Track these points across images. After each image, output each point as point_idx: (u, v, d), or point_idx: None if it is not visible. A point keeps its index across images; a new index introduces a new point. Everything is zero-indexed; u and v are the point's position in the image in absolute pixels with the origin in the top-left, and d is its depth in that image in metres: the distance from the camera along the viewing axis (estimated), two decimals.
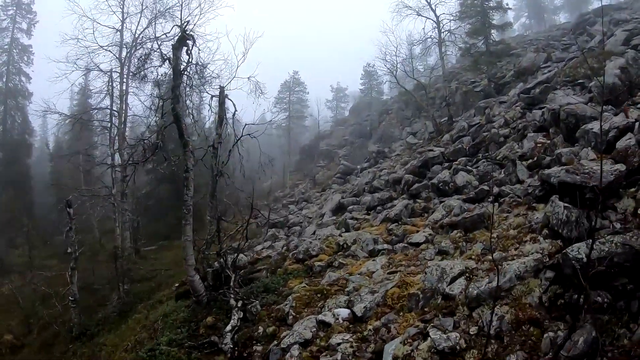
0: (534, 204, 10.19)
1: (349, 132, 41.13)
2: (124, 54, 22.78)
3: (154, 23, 21.31)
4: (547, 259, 7.10)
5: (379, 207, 16.76)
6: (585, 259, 5.90)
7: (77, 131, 23.83)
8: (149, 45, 14.55)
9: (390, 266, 10.18)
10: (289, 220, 25.48)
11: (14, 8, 33.59)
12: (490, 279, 7.06)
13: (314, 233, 19.09)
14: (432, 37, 23.48)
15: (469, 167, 15.52)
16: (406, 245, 11.46)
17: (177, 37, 12.12)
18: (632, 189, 8.31)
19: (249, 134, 14.48)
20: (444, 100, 23.20)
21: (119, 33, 22.86)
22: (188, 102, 14.47)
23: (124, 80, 22.66)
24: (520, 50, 27.16)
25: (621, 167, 8.20)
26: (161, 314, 13.16)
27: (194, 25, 22.04)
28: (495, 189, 12.38)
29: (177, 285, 16.28)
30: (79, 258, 23.01)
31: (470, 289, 7.06)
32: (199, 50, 12.50)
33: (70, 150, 27.74)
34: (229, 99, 14.31)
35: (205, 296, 11.78)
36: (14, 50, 33.80)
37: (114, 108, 22.13)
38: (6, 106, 33.54)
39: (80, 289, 17.78)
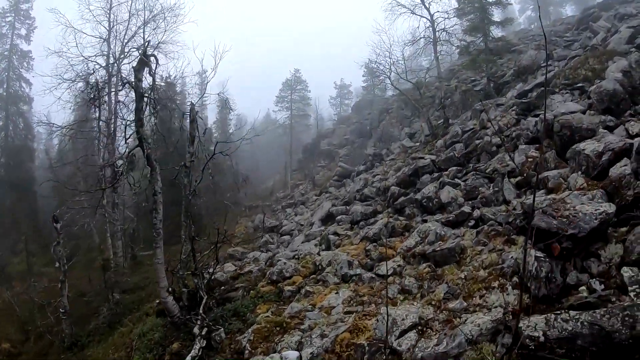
0: (513, 236, 9.05)
1: (350, 131, 39.70)
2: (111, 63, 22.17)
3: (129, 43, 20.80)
4: (510, 318, 6.02)
5: (362, 222, 15.75)
6: (542, 338, 4.85)
7: (67, 141, 23.25)
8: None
9: (351, 302, 9.25)
10: (282, 225, 24.66)
11: (13, 14, 33.13)
12: (439, 340, 6.03)
13: (300, 245, 18.37)
14: (425, 36, 22.03)
15: (457, 180, 14.32)
16: (373, 276, 10.47)
17: (137, 59, 11.69)
18: (623, 228, 7.11)
19: (221, 152, 13.93)
20: (440, 101, 21.79)
21: (106, 43, 22.20)
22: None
23: (112, 90, 22.01)
24: (523, 46, 25.43)
25: (609, 207, 6.96)
26: (139, 333, 12.91)
27: (159, 42, 21.92)
28: (477, 212, 11.20)
29: (157, 301, 15.91)
30: (75, 265, 22.78)
31: (416, 350, 6.05)
32: (154, 73, 11.98)
33: (69, 158, 27.38)
34: (199, 117, 13.89)
35: (179, 317, 11.34)
36: (14, 57, 33.41)
37: (103, 118, 21.42)
38: (7, 112, 33.13)
39: (74, 298, 17.79)
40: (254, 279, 14.03)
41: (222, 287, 14.49)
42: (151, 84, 12.39)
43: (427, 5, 21.91)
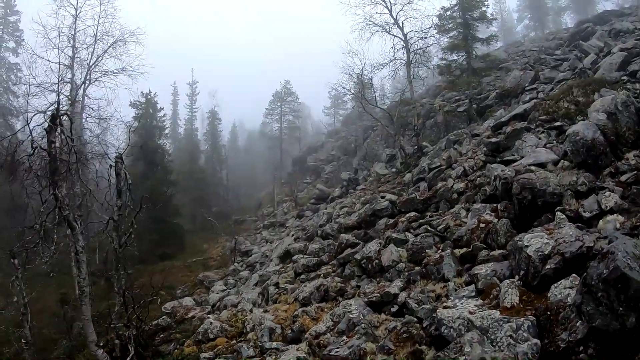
0: (423, 346, 6.67)
1: (337, 147, 36.69)
2: (79, 91, 20.82)
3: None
4: None
5: (302, 275, 13.38)
6: None
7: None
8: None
9: None
10: (252, 252, 22.46)
11: (1, 27, 31.58)
12: None
13: (256, 284, 16.26)
14: (396, 58, 19.19)
15: (408, 234, 11.82)
16: None
17: (47, 121, 10.37)
18: None
19: (147, 205, 13.89)
20: (414, 128, 19.00)
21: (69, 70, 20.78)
22: None
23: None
24: (512, 62, 22.22)
25: None
26: None
27: (81, 91, 20.43)
28: (403, 296, 8.71)
29: (101, 344, 14.73)
30: (50, 286, 21.57)
31: None
32: (70, 133, 10.92)
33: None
34: (125, 170, 12.59)
35: None
36: (1, 69, 31.82)
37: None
38: None
39: (40, 325, 16.66)
40: (192, 329, 12.87)
41: (162, 335, 13.48)
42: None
43: (401, 25, 19.02)
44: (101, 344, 11.55)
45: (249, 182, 45.31)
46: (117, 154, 13.38)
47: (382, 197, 15.27)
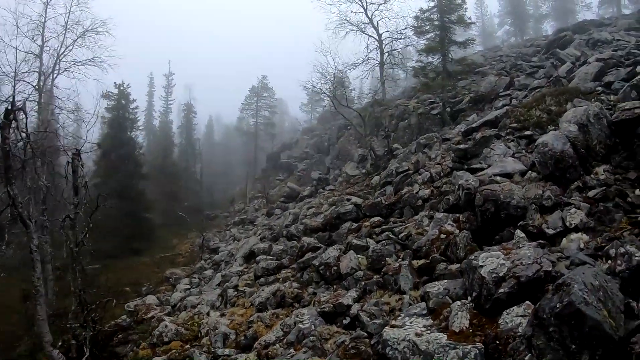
0: None
1: (311, 144, 35.96)
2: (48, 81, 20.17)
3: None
4: None
5: (262, 279, 12.73)
6: None
7: None
8: None
9: None
10: (219, 250, 21.71)
11: None
12: None
13: (218, 284, 15.58)
14: (369, 58, 18.67)
15: (369, 240, 11.32)
16: None
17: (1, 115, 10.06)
18: None
19: (104, 205, 13.38)
20: (385, 130, 18.52)
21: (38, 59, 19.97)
22: None
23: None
24: (488, 67, 21.97)
25: None
26: None
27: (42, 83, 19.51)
28: (356, 308, 8.18)
29: (60, 344, 14.02)
30: (21, 274, 20.88)
31: None
32: (25, 128, 10.56)
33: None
34: (81, 167, 11.99)
35: None
36: None
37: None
38: None
39: (3, 320, 16.04)
40: (150, 330, 12.27)
41: (120, 335, 12.96)
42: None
43: (376, 24, 18.46)
44: (59, 344, 11.40)
45: (223, 177, 44.25)
46: (75, 149, 12.65)
47: (348, 200, 14.73)
